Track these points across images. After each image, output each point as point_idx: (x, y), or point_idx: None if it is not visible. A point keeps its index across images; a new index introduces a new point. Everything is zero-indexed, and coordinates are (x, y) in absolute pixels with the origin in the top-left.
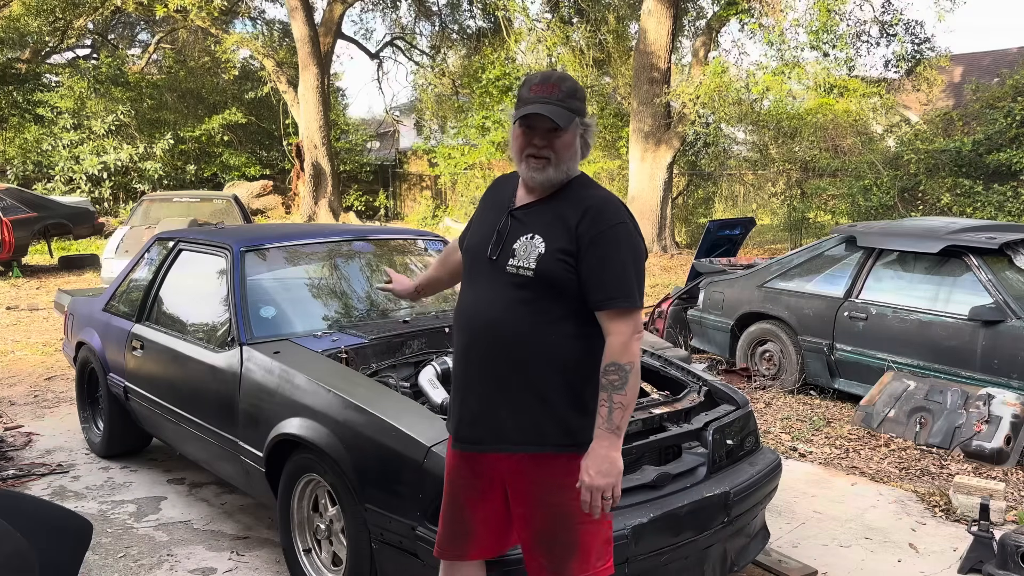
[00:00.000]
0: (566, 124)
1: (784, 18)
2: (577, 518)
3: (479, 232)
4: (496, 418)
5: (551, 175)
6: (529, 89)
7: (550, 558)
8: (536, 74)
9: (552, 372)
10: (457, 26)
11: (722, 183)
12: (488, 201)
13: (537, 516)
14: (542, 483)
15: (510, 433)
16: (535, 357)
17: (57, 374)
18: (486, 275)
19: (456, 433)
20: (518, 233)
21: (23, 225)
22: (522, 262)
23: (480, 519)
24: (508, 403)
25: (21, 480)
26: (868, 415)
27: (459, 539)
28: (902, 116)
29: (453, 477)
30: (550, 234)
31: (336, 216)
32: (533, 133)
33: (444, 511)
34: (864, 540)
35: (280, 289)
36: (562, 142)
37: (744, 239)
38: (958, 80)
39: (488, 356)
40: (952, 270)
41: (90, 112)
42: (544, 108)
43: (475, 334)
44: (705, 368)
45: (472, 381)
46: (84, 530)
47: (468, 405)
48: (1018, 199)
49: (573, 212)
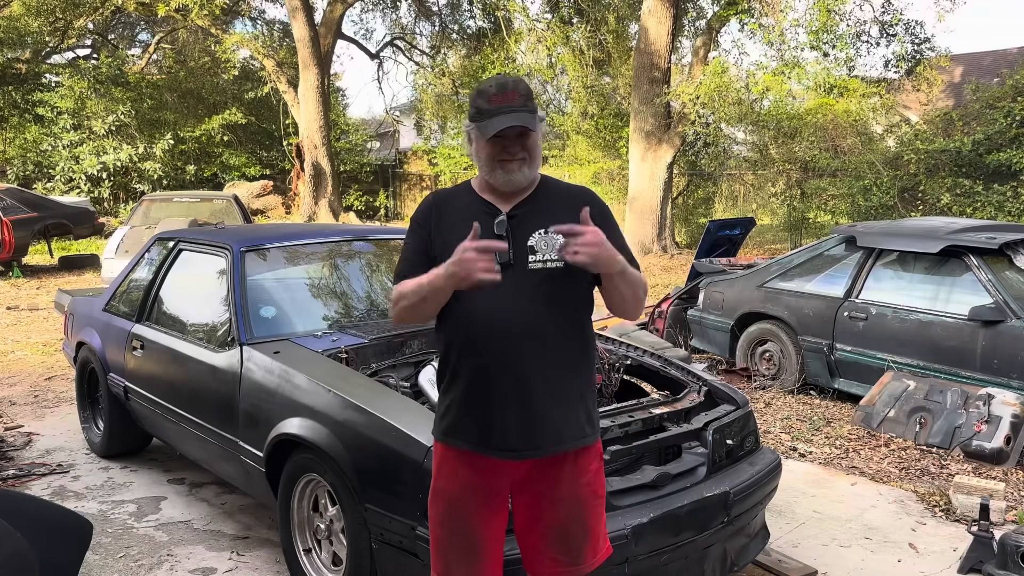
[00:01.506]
0: (535, 126)
1: (784, 18)
2: (589, 504)
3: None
4: (551, 420)
5: (527, 174)
6: (488, 100)
7: (567, 551)
8: (490, 84)
9: (581, 362)
10: (457, 26)
11: (722, 183)
12: (451, 218)
13: (553, 512)
14: (559, 478)
15: (563, 434)
16: (570, 351)
17: (57, 374)
18: (500, 281)
19: (502, 441)
20: (526, 232)
21: (23, 225)
22: (547, 255)
23: (491, 537)
24: (557, 402)
25: (21, 480)
26: (868, 415)
27: (472, 562)
28: (902, 116)
29: (454, 496)
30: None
31: (336, 216)
32: (506, 141)
33: (442, 537)
34: (864, 540)
35: (280, 289)
36: (532, 142)
37: (744, 239)
38: (958, 80)
39: (527, 358)
40: (952, 270)
41: (90, 112)
42: (515, 119)
43: (509, 339)
44: (705, 368)
45: (509, 387)
46: (84, 530)
47: (507, 413)
48: (1018, 199)
49: (572, 203)
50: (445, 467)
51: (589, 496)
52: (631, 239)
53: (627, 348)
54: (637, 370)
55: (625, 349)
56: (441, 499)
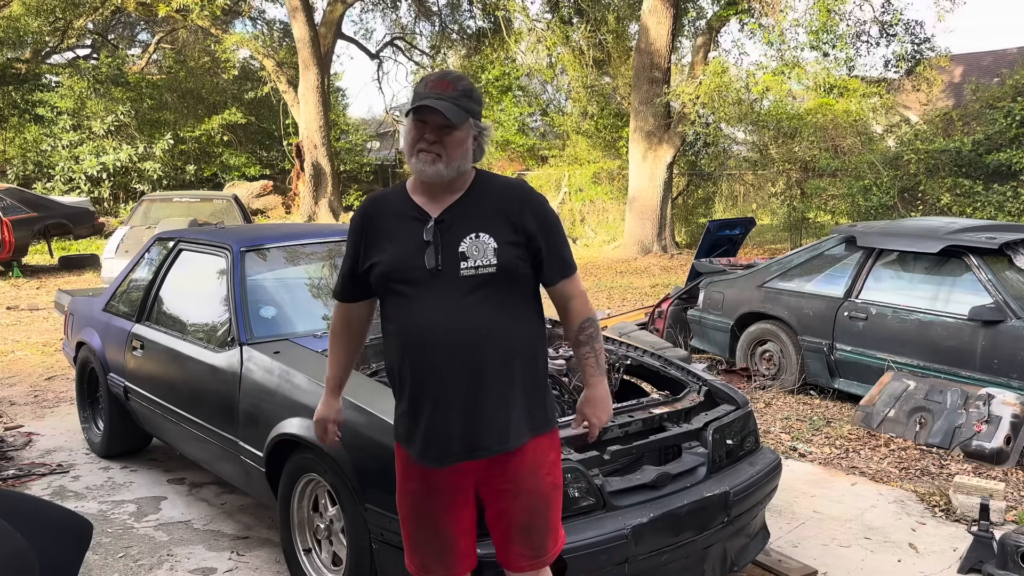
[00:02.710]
0: (458, 120)
1: (784, 18)
2: (549, 497)
3: (400, 250)
4: (495, 421)
5: (440, 170)
6: (426, 85)
7: (530, 545)
8: (435, 72)
9: (524, 360)
10: (457, 26)
11: (722, 183)
12: (382, 223)
13: (515, 507)
14: (518, 472)
15: (510, 432)
16: (510, 351)
17: (57, 374)
18: (430, 287)
19: (443, 450)
20: (457, 237)
21: (23, 225)
22: (479, 261)
23: (461, 531)
24: (501, 403)
25: (21, 480)
26: (868, 415)
27: (445, 557)
28: (902, 116)
29: (419, 496)
30: (493, 229)
31: (336, 216)
32: (425, 127)
33: (418, 535)
34: (864, 540)
35: (280, 289)
36: (453, 139)
37: (744, 239)
38: (958, 80)
39: (466, 364)
40: (952, 270)
41: (90, 112)
42: (438, 103)
43: (444, 347)
44: (705, 368)
45: (450, 394)
46: (84, 530)
47: (449, 419)
48: (1018, 199)
49: (504, 204)
50: (406, 470)
51: (549, 488)
52: (631, 239)
53: (627, 348)
54: (637, 370)
55: (625, 349)
56: (407, 499)
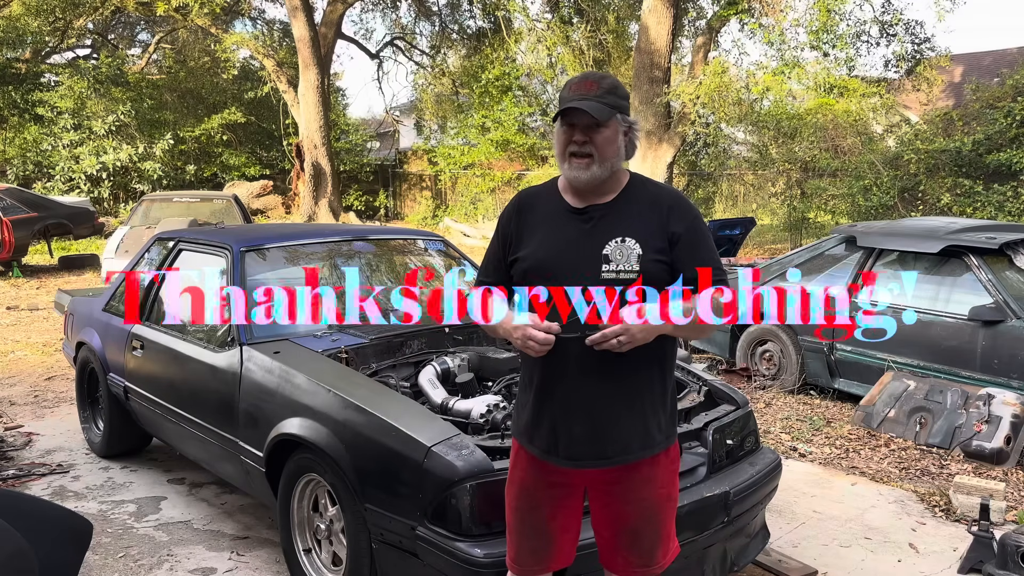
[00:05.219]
0: (605, 118)
1: (784, 18)
2: (660, 508)
3: (547, 246)
4: (618, 432)
5: (595, 172)
6: (569, 89)
7: (639, 553)
8: (577, 75)
9: (654, 372)
10: (457, 26)
11: (722, 183)
12: (532, 218)
13: (625, 514)
14: (632, 482)
15: (634, 443)
16: (640, 362)
17: (57, 374)
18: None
19: (565, 451)
20: (602, 240)
21: (23, 225)
22: (621, 266)
23: (562, 528)
24: (628, 413)
25: (21, 480)
26: (868, 415)
27: (540, 552)
28: (902, 116)
29: (529, 490)
30: (641, 235)
31: (336, 216)
32: (574, 130)
33: (518, 526)
34: (864, 540)
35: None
36: (603, 137)
37: (744, 239)
38: (958, 80)
39: (597, 370)
40: (952, 270)
41: (90, 112)
42: (583, 104)
43: (578, 354)
44: (705, 368)
45: (579, 399)
46: (84, 530)
47: (573, 423)
48: (1018, 199)
49: (655, 211)
50: (520, 460)
51: (663, 499)
52: None
53: None
54: None
55: None
56: (515, 486)
